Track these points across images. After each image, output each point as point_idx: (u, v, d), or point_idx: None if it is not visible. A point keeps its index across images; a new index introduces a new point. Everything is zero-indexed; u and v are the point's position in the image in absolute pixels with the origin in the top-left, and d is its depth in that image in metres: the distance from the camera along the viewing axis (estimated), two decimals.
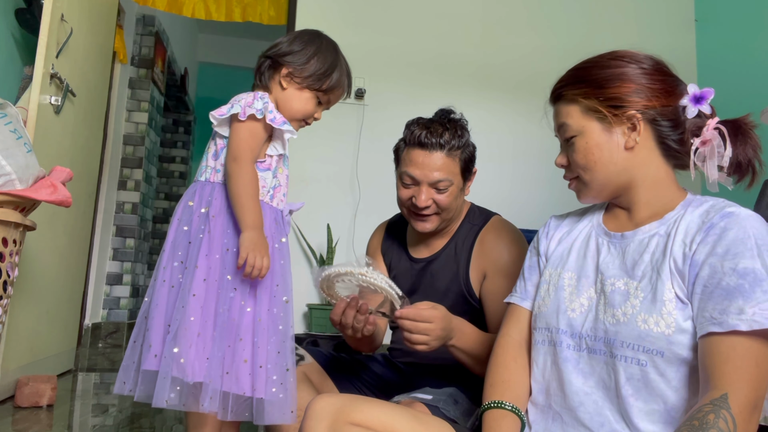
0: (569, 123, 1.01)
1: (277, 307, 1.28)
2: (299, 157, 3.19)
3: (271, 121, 1.29)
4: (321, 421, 0.94)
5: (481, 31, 3.46)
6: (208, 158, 1.35)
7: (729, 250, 0.86)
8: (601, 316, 0.95)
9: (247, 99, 1.32)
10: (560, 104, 1.04)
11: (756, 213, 0.90)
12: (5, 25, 2.48)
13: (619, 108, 0.97)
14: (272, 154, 1.37)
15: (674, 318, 0.87)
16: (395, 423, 0.96)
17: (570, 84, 1.03)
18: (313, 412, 0.96)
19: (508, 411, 0.99)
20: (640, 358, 0.89)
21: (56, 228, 2.50)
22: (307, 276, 3.13)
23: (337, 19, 3.33)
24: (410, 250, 1.54)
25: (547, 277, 1.08)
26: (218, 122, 1.32)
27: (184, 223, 1.30)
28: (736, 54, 3.38)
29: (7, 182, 1.58)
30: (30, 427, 1.91)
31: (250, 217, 1.24)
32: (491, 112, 3.36)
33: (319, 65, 1.40)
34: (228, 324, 1.22)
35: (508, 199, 2.90)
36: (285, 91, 1.38)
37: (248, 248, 1.21)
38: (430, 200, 1.38)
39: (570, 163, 1.04)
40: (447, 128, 1.41)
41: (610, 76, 0.99)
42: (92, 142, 2.94)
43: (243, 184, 1.27)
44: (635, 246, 0.98)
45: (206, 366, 1.18)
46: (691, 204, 0.97)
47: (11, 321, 2.11)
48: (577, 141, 1.01)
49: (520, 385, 1.04)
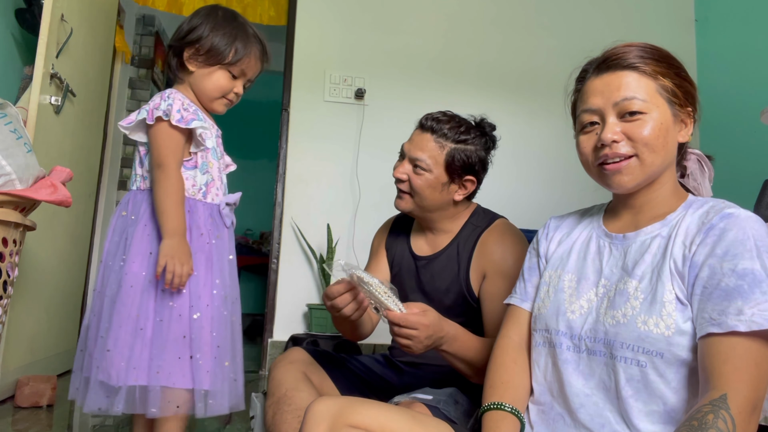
0: (643, 97, 0.95)
1: (217, 303, 1.29)
2: (299, 157, 3.19)
3: (178, 122, 1.27)
4: (320, 423, 0.94)
5: (481, 31, 3.46)
6: (136, 167, 1.36)
7: (728, 251, 0.86)
8: (601, 318, 0.95)
9: (155, 101, 1.30)
10: (628, 73, 0.97)
11: (755, 214, 0.91)
12: (5, 25, 2.48)
13: (686, 102, 0.99)
14: (195, 150, 1.34)
15: (674, 319, 0.88)
16: (394, 425, 0.96)
17: (651, 58, 0.98)
18: (312, 415, 0.96)
19: (508, 412, 0.99)
20: (640, 359, 0.89)
21: (56, 228, 2.50)
22: (307, 276, 3.13)
23: (337, 19, 3.33)
24: (413, 246, 1.54)
25: (547, 279, 1.08)
26: (130, 131, 1.32)
27: (117, 234, 1.33)
28: (736, 54, 3.38)
29: (7, 182, 1.58)
30: (30, 427, 1.91)
31: (171, 223, 1.24)
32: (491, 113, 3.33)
33: (218, 38, 1.33)
34: (157, 326, 1.24)
35: (508, 199, 2.90)
36: (193, 74, 1.34)
37: (167, 255, 1.22)
38: (405, 175, 1.42)
39: (630, 138, 0.95)
40: (454, 121, 1.41)
41: (683, 71, 1.00)
42: (92, 142, 2.94)
43: (166, 191, 1.25)
44: (637, 247, 0.98)
45: (124, 369, 1.21)
46: (692, 206, 0.97)
47: (11, 321, 2.11)
48: (647, 118, 0.94)
49: (520, 387, 1.04)
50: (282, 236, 3.13)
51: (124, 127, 1.30)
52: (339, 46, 3.31)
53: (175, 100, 1.29)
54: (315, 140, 3.21)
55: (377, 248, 1.63)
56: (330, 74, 3.26)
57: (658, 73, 0.97)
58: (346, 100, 3.26)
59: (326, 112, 3.24)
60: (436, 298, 1.45)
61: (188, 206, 1.31)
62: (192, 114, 1.30)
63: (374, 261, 1.61)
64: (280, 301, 3.09)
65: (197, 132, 1.30)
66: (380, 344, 2.95)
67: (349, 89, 3.27)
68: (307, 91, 3.23)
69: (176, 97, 1.30)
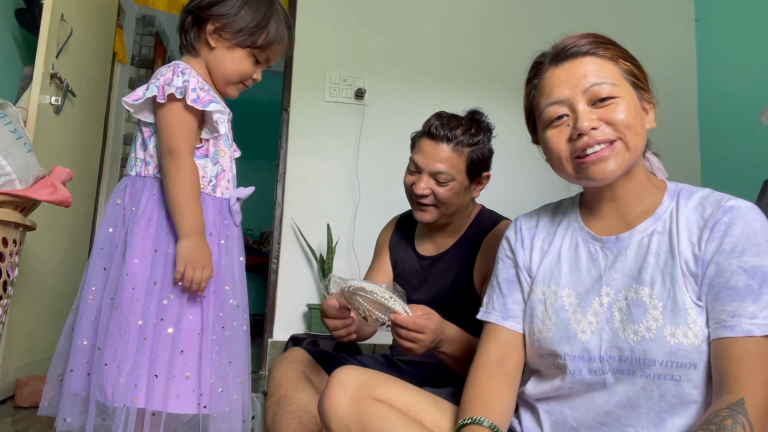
0: (612, 81, 0.91)
1: (226, 312, 1.13)
2: (299, 157, 3.19)
3: (193, 102, 1.09)
4: (344, 391, 0.94)
5: (481, 31, 3.46)
6: (137, 149, 1.17)
7: (735, 246, 0.84)
8: (621, 334, 0.89)
9: (167, 75, 1.11)
10: (590, 59, 0.92)
11: (753, 204, 0.88)
12: (5, 25, 2.48)
13: (646, 87, 0.96)
14: (207, 137, 1.17)
15: (699, 326, 0.84)
16: (416, 404, 0.97)
17: (609, 43, 0.94)
18: (337, 382, 0.96)
19: (485, 428, 0.91)
20: (674, 374, 0.85)
21: (56, 228, 2.50)
22: (307, 276, 3.12)
23: (337, 19, 3.33)
24: (418, 246, 1.55)
25: (541, 296, 1.01)
26: (135, 109, 1.14)
27: (110, 224, 1.14)
28: (736, 54, 3.38)
29: (7, 182, 1.58)
30: (30, 427, 1.91)
31: (189, 221, 1.08)
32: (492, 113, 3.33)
33: (251, 17, 1.16)
34: (163, 337, 1.07)
35: (508, 200, 2.89)
36: (214, 50, 1.17)
37: (186, 259, 1.06)
38: (429, 190, 1.39)
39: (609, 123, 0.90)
40: (462, 124, 1.41)
41: (637, 60, 0.97)
42: (92, 142, 2.94)
43: (181, 183, 1.08)
44: (635, 248, 0.93)
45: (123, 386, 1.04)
46: (679, 195, 0.93)
47: (11, 321, 2.11)
48: (621, 101, 0.90)
49: (496, 401, 0.97)
50: (282, 236, 3.12)
51: (128, 103, 1.12)
52: (339, 46, 3.31)
53: (191, 77, 1.11)
54: (315, 140, 3.20)
55: (381, 248, 1.63)
56: (330, 74, 3.26)
57: (618, 57, 0.93)
58: (346, 100, 3.26)
59: (326, 112, 3.24)
60: (439, 298, 1.45)
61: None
62: (209, 95, 1.13)
63: (378, 260, 1.62)
64: (280, 301, 3.09)
65: (213, 117, 1.13)
66: (380, 344, 2.95)
67: (349, 89, 3.27)
68: (307, 91, 3.23)
69: (191, 73, 1.13)
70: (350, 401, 0.93)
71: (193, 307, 1.11)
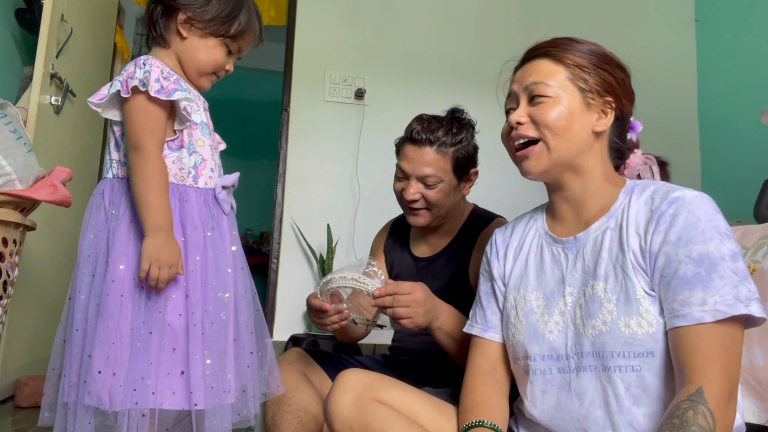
0: (549, 82, 0.96)
1: (216, 307, 1.11)
2: (299, 157, 3.19)
3: (157, 93, 1.06)
4: (348, 393, 0.97)
5: (481, 31, 3.46)
6: (111, 151, 1.15)
7: (681, 236, 0.85)
8: (581, 330, 0.92)
9: (128, 69, 1.09)
10: (542, 61, 0.99)
11: (702, 193, 0.89)
12: (5, 25, 2.48)
13: (604, 91, 0.97)
14: (180, 128, 1.14)
15: (653, 315, 0.86)
16: (419, 408, 0.99)
17: (566, 47, 0.99)
18: (341, 384, 0.99)
19: (489, 429, 0.95)
20: (634, 364, 0.87)
21: (56, 228, 2.50)
22: (307, 276, 3.12)
23: (337, 19, 3.33)
24: (413, 248, 1.55)
25: (513, 302, 1.04)
26: (103, 107, 1.11)
27: (92, 230, 1.12)
28: (736, 54, 3.38)
29: (7, 182, 1.58)
30: (30, 427, 1.91)
31: (154, 217, 1.05)
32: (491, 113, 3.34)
33: (222, 6, 1.16)
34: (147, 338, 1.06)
35: (508, 200, 2.89)
36: (186, 41, 1.15)
37: (151, 257, 1.03)
38: (418, 194, 1.40)
39: (533, 121, 0.97)
40: (443, 125, 1.41)
41: (609, 61, 0.99)
42: (92, 142, 2.94)
43: (146, 178, 1.06)
44: (591, 246, 0.95)
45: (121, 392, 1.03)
46: (633, 191, 0.95)
47: (11, 321, 2.11)
48: (551, 102, 0.96)
49: (496, 407, 1.00)
50: (282, 236, 3.12)
51: (94, 103, 1.10)
52: (339, 46, 3.31)
53: (153, 67, 1.09)
54: (315, 140, 3.20)
55: (376, 251, 1.64)
56: (330, 74, 3.26)
57: (571, 62, 0.97)
58: (346, 100, 3.26)
59: (326, 112, 3.24)
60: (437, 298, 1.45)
61: (179, 194, 1.12)
62: (173, 84, 1.10)
63: None
64: (280, 301, 3.09)
65: (181, 105, 1.10)
66: (380, 344, 2.95)
67: (349, 89, 3.27)
68: (307, 91, 3.23)
69: (154, 63, 1.10)
70: (353, 403, 0.96)
71: (182, 303, 1.09)
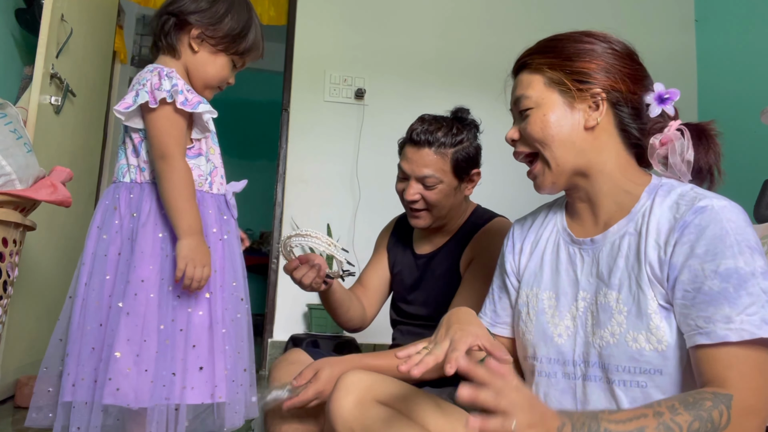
0: (528, 94, 0.95)
1: (233, 306, 1.18)
2: (299, 157, 3.19)
3: (182, 104, 1.11)
4: (349, 394, 0.97)
5: (481, 31, 3.46)
6: (128, 156, 1.18)
7: (708, 250, 0.80)
8: (590, 338, 0.89)
9: (153, 80, 1.12)
10: (523, 74, 0.98)
11: (732, 202, 0.84)
12: (5, 25, 2.48)
13: (584, 83, 0.92)
14: (198, 137, 1.19)
15: (663, 332, 0.82)
16: (419, 408, 0.98)
17: (537, 53, 0.97)
18: (343, 385, 0.99)
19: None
20: (639, 380, 0.84)
21: (56, 228, 2.50)
22: None
23: (337, 20, 3.33)
24: (415, 246, 1.58)
25: (525, 299, 1.02)
26: (126, 116, 1.14)
27: (105, 230, 1.16)
28: (736, 54, 3.38)
29: (7, 182, 1.58)
30: (30, 427, 1.91)
31: (187, 221, 1.10)
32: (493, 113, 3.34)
33: (234, 24, 1.20)
34: (175, 336, 1.10)
35: (508, 200, 2.89)
36: (197, 54, 1.19)
37: (187, 258, 1.08)
38: (418, 195, 1.41)
39: (523, 137, 0.96)
40: (443, 126, 1.41)
41: (581, 51, 0.94)
42: (92, 142, 2.94)
43: (176, 186, 1.11)
44: (608, 251, 0.91)
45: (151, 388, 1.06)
46: (657, 192, 0.89)
47: (11, 321, 2.11)
48: (534, 113, 0.94)
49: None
50: (282, 236, 3.12)
51: (120, 112, 1.13)
52: (339, 46, 3.31)
53: (177, 80, 1.14)
54: (315, 140, 3.20)
55: (379, 248, 1.67)
56: (330, 74, 3.26)
57: (543, 65, 0.95)
58: (346, 100, 3.26)
59: (326, 112, 3.24)
60: (433, 292, 1.47)
61: (199, 200, 1.17)
62: (197, 96, 1.15)
63: (374, 260, 1.67)
64: (280, 301, 3.09)
65: (204, 117, 1.16)
66: (380, 344, 2.95)
67: (349, 89, 3.27)
68: (307, 91, 3.23)
69: (176, 75, 1.15)
70: (354, 404, 0.96)
71: (204, 303, 1.14)
